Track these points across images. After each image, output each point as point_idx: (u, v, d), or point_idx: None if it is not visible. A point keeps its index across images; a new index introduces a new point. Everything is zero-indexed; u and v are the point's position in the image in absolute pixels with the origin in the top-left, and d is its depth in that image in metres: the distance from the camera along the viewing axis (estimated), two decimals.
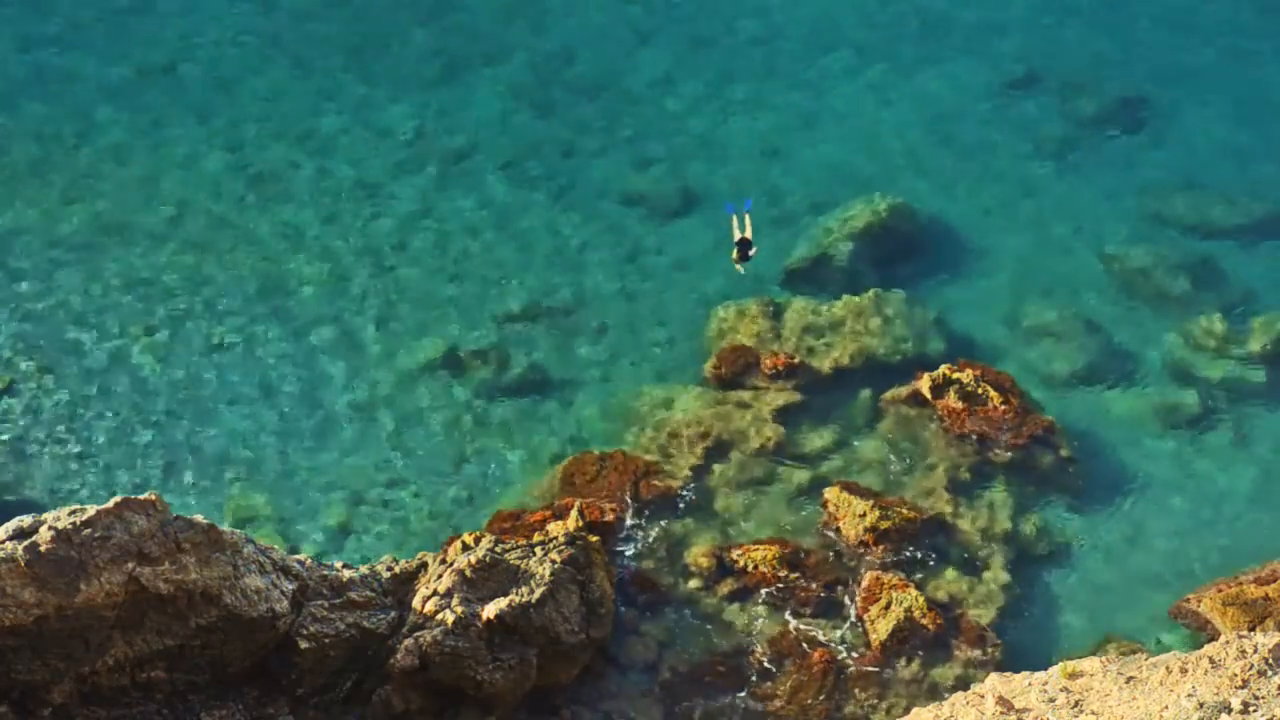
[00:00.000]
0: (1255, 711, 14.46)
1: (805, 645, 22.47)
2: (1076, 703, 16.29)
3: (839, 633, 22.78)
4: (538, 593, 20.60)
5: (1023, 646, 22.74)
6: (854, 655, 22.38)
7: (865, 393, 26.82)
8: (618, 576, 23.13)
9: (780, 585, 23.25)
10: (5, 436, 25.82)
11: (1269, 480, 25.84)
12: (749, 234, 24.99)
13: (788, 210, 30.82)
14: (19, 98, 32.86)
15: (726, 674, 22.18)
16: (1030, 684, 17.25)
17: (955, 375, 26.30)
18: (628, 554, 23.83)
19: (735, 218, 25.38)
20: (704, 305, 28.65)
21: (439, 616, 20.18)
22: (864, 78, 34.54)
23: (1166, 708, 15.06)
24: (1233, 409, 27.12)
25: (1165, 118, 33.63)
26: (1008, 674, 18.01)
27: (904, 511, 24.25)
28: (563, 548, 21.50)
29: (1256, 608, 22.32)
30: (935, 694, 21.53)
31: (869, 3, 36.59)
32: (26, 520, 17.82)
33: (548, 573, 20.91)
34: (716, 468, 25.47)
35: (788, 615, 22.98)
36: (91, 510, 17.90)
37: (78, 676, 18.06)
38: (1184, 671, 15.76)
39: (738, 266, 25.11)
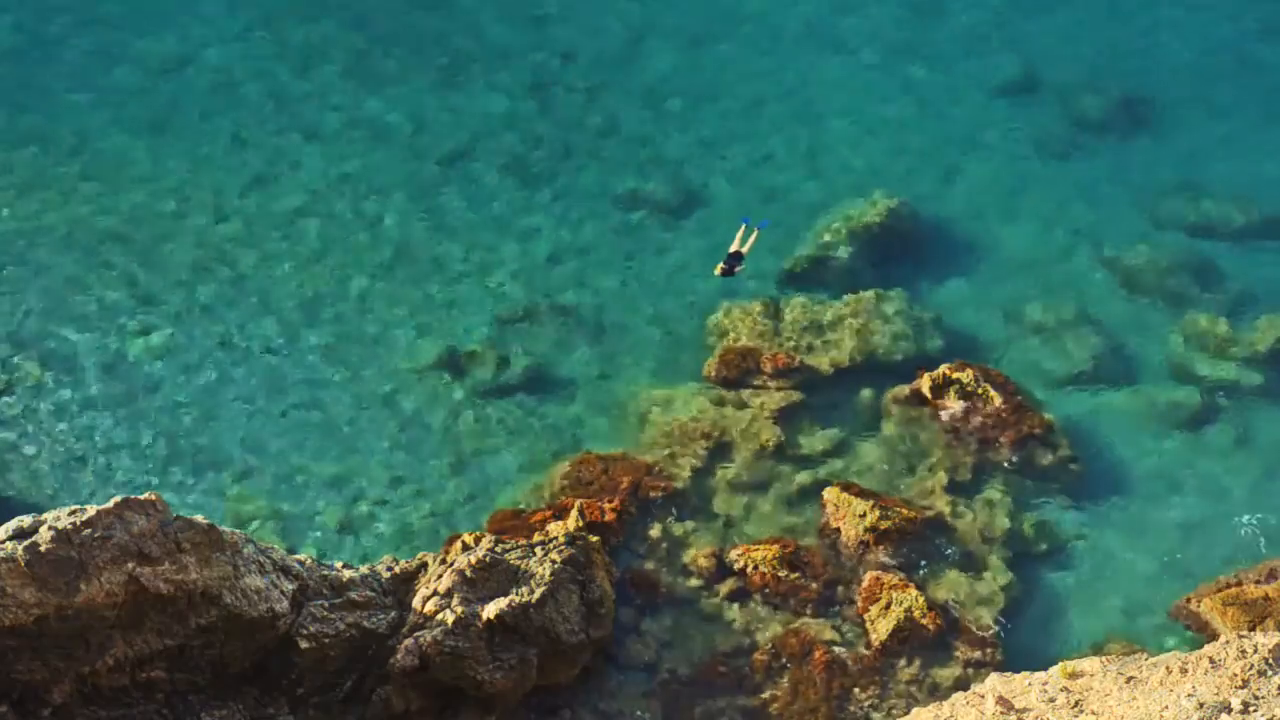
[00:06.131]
0: (1255, 711, 14.46)
1: (805, 645, 22.46)
2: (1076, 703, 16.28)
3: (839, 633, 22.78)
4: (538, 593, 20.61)
5: (1023, 646, 22.73)
6: (854, 655, 22.38)
7: (865, 392, 26.82)
8: (618, 576, 23.14)
9: (780, 585, 23.25)
10: (5, 436, 25.83)
11: (1269, 480, 25.81)
12: (745, 250, 25.04)
13: (788, 210, 30.78)
14: (19, 96, 32.85)
15: (727, 674, 22.18)
16: (1030, 684, 17.24)
17: (955, 375, 26.29)
18: (628, 554, 23.83)
19: (744, 230, 25.41)
20: (704, 305, 28.64)
21: (439, 616, 20.19)
22: (864, 77, 34.55)
23: (1166, 708, 15.06)
24: (1233, 408, 27.10)
25: (1165, 117, 33.60)
26: (1008, 674, 17.98)
27: (904, 511, 24.25)
28: (563, 548, 21.51)
29: (1256, 608, 22.30)
30: (935, 694, 21.51)
31: (868, 3, 36.59)
32: (26, 520, 17.81)
33: (548, 573, 20.92)
34: (716, 468, 25.47)
35: (788, 615, 22.97)
36: (91, 510, 17.89)
37: (78, 676, 18.05)
38: (1184, 671, 15.75)
39: (716, 272, 25.09)
